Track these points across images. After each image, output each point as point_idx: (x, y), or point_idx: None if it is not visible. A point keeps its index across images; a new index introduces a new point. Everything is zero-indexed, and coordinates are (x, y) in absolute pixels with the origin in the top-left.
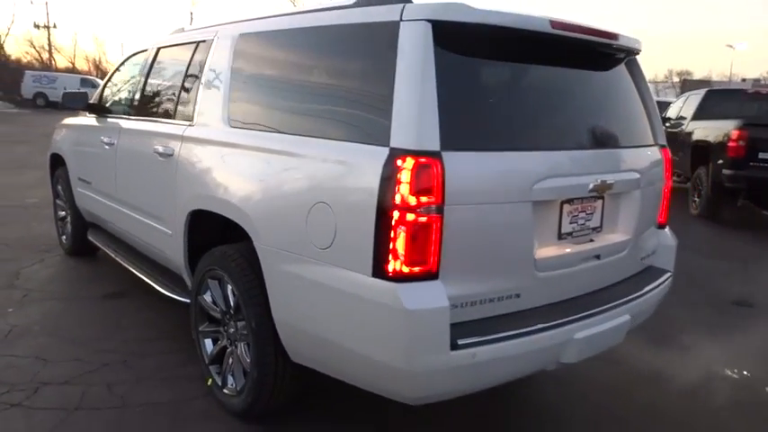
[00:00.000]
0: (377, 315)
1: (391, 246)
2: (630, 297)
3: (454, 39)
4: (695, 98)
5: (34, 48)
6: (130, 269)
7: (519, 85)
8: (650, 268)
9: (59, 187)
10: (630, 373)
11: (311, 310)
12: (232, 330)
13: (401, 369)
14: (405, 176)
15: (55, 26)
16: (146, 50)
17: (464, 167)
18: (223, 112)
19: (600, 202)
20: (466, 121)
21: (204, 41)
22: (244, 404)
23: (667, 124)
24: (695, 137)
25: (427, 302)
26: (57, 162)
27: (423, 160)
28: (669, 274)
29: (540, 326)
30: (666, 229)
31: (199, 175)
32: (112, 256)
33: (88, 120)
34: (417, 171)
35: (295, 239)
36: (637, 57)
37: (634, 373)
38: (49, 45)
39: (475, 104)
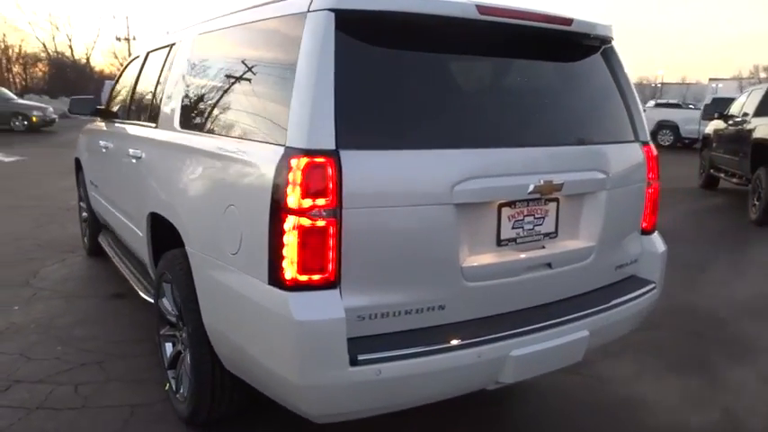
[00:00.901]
0: (273, 325)
1: (285, 252)
2: (590, 311)
3: (362, 28)
4: (758, 93)
5: (117, 59)
6: (120, 270)
7: (439, 77)
8: (631, 278)
9: (81, 190)
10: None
11: (228, 317)
12: (184, 335)
13: (295, 384)
14: (296, 177)
15: (135, 38)
16: (139, 55)
17: (366, 167)
18: (176, 114)
19: (553, 204)
20: (371, 118)
21: (174, 44)
22: (188, 411)
23: (729, 122)
24: (756, 134)
25: (320, 313)
26: (78, 166)
27: (315, 160)
28: (652, 285)
29: (461, 341)
30: (654, 236)
31: (156, 178)
32: (111, 256)
33: (98, 125)
34: (309, 171)
35: (214, 243)
36: (611, 45)
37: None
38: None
39: (383, 99)
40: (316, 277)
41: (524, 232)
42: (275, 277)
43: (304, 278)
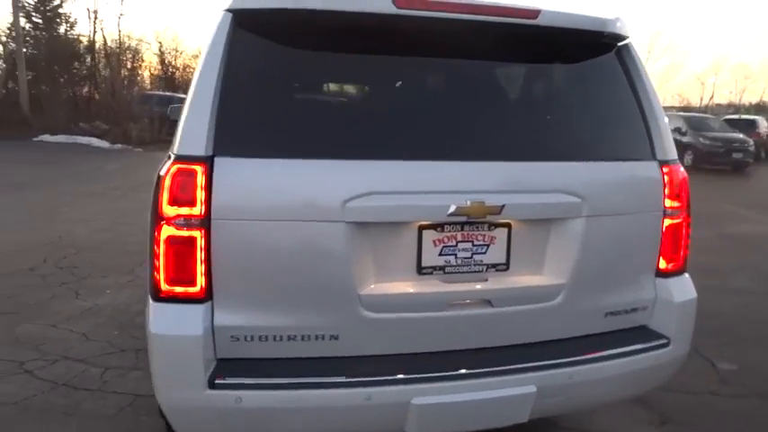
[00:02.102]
0: (148, 339)
1: (157, 263)
2: (541, 363)
3: (261, 29)
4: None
5: None
6: None
7: (343, 81)
8: (638, 330)
9: None
10: None
11: None
12: None
13: (159, 401)
14: (166, 184)
15: None
16: None
17: (244, 176)
18: None
19: (502, 231)
20: (258, 123)
21: None
22: None
23: None
24: None
25: (176, 328)
26: None
27: (183, 166)
28: (663, 341)
29: (346, 379)
30: (675, 279)
31: None
32: None
33: None
34: (176, 178)
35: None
36: (624, 43)
37: None
38: None
39: (276, 104)
40: (183, 290)
41: (458, 261)
42: (154, 288)
43: (175, 290)
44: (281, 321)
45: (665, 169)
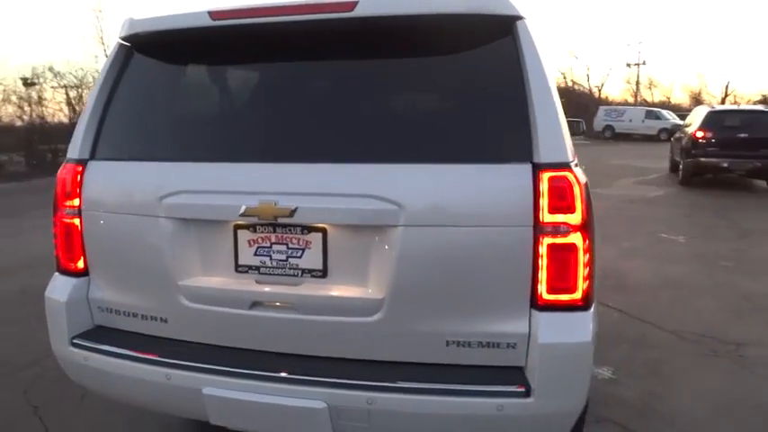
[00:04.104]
0: None
1: (57, 243)
2: (334, 380)
3: (131, 51)
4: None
5: (629, 84)
6: None
7: (177, 90)
8: (507, 370)
9: None
10: None
11: None
12: None
13: None
14: (60, 181)
15: (645, 63)
16: None
17: (102, 176)
18: None
19: (317, 236)
20: (117, 131)
21: None
22: None
23: None
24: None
25: (55, 294)
26: None
27: (69, 167)
28: (519, 389)
29: (153, 357)
30: (555, 315)
31: None
32: None
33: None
34: (65, 177)
35: None
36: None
37: None
38: (637, 81)
39: (128, 116)
40: (71, 266)
41: (273, 262)
42: (56, 263)
43: (69, 266)
44: (129, 301)
45: (544, 175)
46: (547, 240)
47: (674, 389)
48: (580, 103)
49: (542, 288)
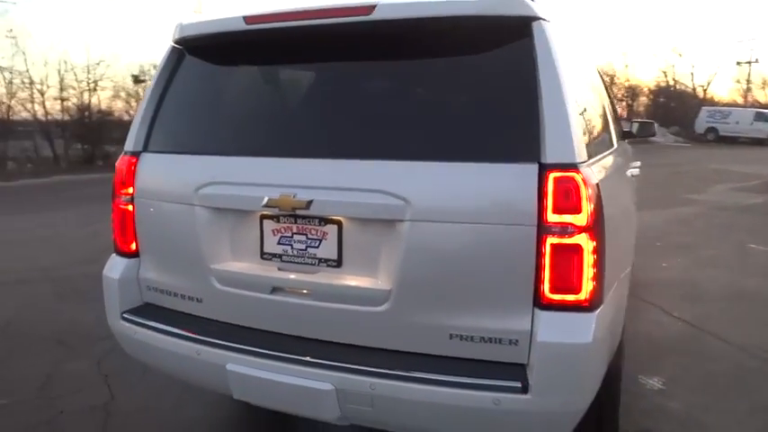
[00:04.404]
0: None
1: (113, 227)
2: (340, 364)
3: (183, 53)
4: None
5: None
6: None
7: (219, 90)
8: (508, 366)
9: None
10: None
11: None
12: None
13: None
14: (117, 171)
15: (757, 61)
16: None
17: (151, 167)
18: None
19: (332, 227)
20: (165, 127)
21: None
22: None
23: None
24: None
25: (110, 272)
26: None
27: (125, 158)
28: (516, 384)
29: (187, 333)
30: (557, 314)
31: None
32: None
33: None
34: (122, 167)
35: None
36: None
37: None
38: (748, 80)
39: (175, 112)
40: (125, 248)
41: (294, 251)
42: (114, 246)
43: (122, 248)
44: (170, 281)
45: (552, 175)
46: (551, 240)
47: (725, 403)
48: (682, 104)
49: (546, 287)
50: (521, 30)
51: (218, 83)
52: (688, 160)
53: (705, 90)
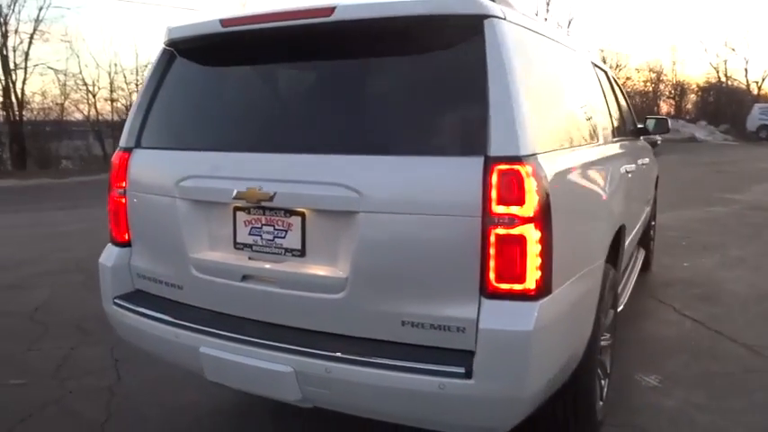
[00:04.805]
0: None
1: (109, 218)
2: (297, 348)
3: (173, 55)
4: None
5: None
6: None
7: (200, 89)
8: (456, 353)
9: None
10: None
11: None
12: None
13: None
14: (113, 166)
15: None
16: None
17: (139, 162)
18: None
19: (296, 219)
20: (155, 124)
21: None
22: None
23: None
24: None
25: (105, 260)
26: None
27: (119, 154)
28: (459, 370)
29: (167, 318)
30: (501, 303)
31: None
32: None
33: None
34: (116, 162)
35: None
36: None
37: None
38: None
39: (164, 110)
40: (119, 238)
41: (263, 241)
42: (109, 236)
43: (116, 238)
44: (156, 269)
45: (497, 167)
46: (495, 231)
47: (721, 402)
48: (733, 101)
49: (491, 276)
50: (473, 27)
51: (200, 82)
52: (733, 159)
53: (759, 86)
